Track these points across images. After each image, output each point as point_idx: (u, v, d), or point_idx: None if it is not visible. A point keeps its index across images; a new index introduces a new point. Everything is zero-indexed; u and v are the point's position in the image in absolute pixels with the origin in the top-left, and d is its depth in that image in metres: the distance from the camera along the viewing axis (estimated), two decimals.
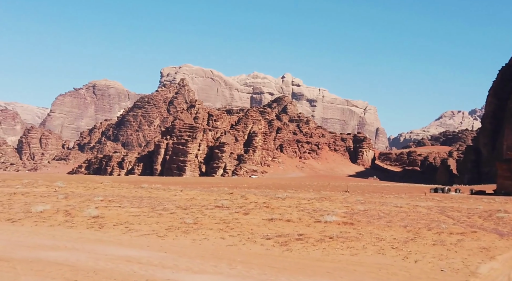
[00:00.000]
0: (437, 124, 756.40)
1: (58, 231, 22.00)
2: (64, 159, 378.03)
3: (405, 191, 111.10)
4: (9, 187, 54.71)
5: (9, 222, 24.96)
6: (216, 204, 35.55)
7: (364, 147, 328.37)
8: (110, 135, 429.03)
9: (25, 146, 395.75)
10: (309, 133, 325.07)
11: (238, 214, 29.56)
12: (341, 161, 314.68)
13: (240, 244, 19.53)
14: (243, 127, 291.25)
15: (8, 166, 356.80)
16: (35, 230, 22.08)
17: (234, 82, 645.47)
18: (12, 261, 15.16)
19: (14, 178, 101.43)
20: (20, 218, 25.80)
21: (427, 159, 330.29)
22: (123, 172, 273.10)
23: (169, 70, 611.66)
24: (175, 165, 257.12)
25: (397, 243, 20.37)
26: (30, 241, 19.10)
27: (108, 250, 17.29)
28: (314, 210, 33.77)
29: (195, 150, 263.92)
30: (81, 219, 25.57)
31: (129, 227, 23.15)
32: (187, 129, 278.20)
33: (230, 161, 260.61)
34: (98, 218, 25.71)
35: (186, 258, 16.39)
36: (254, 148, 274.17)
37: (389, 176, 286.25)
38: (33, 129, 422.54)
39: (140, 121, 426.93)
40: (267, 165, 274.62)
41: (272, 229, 23.55)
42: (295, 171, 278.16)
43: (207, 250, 17.89)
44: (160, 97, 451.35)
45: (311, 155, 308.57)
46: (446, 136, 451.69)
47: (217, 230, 22.82)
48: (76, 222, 24.78)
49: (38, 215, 26.90)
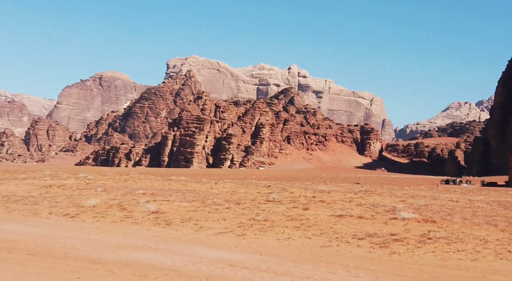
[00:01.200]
0: (444, 115, 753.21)
1: (125, 228, 21.35)
2: (71, 151, 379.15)
3: (416, 182, 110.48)
4: (36, 179, 54.40)
5: (66, 217, 24.35)
6: (266, 199, 34.04)
7: (372, 138, 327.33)
8: (117, 127, 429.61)
9: (33, 138, 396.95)
10: (316, 124, 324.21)
11: (297, 209, 28.00)
12: (348, 152, 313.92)
13: (333, 245, 18.08)
14: (250, 118, 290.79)
15: (16, 157, 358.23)
16: (100, 227, 21.53)
17: (240, 73, 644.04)
18: (105, 263, 14.32)
19: (34, 169, 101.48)
20: (77, 213, 25.20)
21: (434, 150, 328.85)
22: (130, 163, 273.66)
23: (175, 61, 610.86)
24: (182, 157, 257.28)
25: (506, 245, 18.32)
26: (105, 239, 18.43)
27: (197, 252, 16.44)
28: (373, 205, 31.80)
29: (202, 141, 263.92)
30: (141, 215, 24.87)
31: (198, 224, 22.28)
32: (194, 121, 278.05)
33: (237, 152, 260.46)
34: (158, 214, 24.91)
35: (290, 261, 15.12)
36: (261, 140, 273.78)
37: (397, 167, 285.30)
38: (41, 120, 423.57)
39: (147, 113, 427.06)
40: (274, 157, 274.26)
41: (352, 227, 21.94)
42: (303, 163, 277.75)
43: (304, 252, 16.63)
44: (166, 88, 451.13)
45: (318, 146, 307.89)
46: (454, 127, 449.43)
47: (293, 228, 21.47)
48: (137, 218, 24.07)
49: (92, 210, 26.39)
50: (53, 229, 20.65)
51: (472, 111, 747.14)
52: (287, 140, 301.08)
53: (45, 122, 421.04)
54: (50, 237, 18.54)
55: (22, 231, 19.89)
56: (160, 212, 25.46)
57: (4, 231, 19.73)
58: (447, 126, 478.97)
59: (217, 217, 24.23)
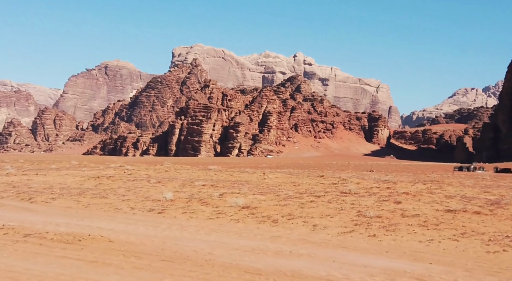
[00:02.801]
0: (450, 101, 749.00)
1: (231, 227, 19.56)
2: (78, 140, 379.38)
3: (429, 169, 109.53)
4: (73, 170, 54.12)
5: (153, 213, 22.92)
6: (341, 190, 31.93)
7: (379, 125, 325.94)
8: (123, 116, 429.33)
9: (40, 127, 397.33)
10: (323, 112, 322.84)
11: (388, 203, 25.56)
12: (356, 140, 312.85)
13: (496, 249, 15.45)
14: (257, 106, 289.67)
15: (23, 147, 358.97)
16: (203, 225, 19.91)
17: (245, 61, 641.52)
18: (265, 274, 12.45)
19: (58, 159, 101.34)
20: (163, 209, 23.69)
21: (442, 137, 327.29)
22: (138, 152, 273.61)
23: (181, 50, 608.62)
24: (190, 146, 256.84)
25: None
26: (226, 240, 16.76)
27: (350, 258, 14.37)
28: (465, 198, 28.68)
29: (210, 130, 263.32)
30: (232, 210, 23.10)
31: (307, 222, 20.21)
32: (202, 109, 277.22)
33: (245, 141, 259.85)
34: (251, 209, 23.13)
35: (464, 271, 13.04)
36: (269, 128, 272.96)
37: (405, 154, 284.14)
38: (47, 110, 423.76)
39: (153, 102, 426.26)
40: (282, 145, 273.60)
41: (487, 226, 19.25)
42: (310, 151, 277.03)
43: (472, 259, 14.32)
44: (173, 77, 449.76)
45: (326, 134, 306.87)
46: (461, 113, 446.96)
47: (419, 226, 19.05)
48: (232, 214, 22.26)
49: (173, 204, 25.13)
50: (154, 228, 19.17)
51: (479, 97, 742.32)
52: (294, 128, 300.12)
53: (52, 111, 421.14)
54: (164, 238, 17.02)
55: (122, 230, 18.51)
56: (251, 207, 23.66)
57: (102, 230, 18.24)
58: (454, 112, 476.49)
59: (318, 214, 22.06)
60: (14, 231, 17.52)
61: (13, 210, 23.90)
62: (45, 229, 18.08)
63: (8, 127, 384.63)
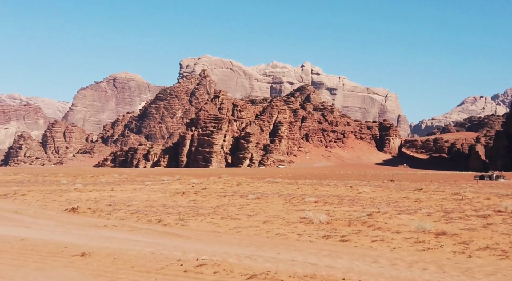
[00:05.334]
0: (459, 110, 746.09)
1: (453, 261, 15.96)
2: (88, 152, 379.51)
3: (449, 179, 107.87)
4: (135, 184, 52.99)
5: (332, 240, 19.50)
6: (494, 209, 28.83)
7: (391, 134, 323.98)
8: (133, 128, 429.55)
9: (50, 140, 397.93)
10: (334, 121, 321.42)
11: None
12: (367, 149, 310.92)
13: None
14: (268, 117, 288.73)
15: (34, 160, 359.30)
16: (412, 259, 16.11)
17: (253, 72, 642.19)
18: None
19: (97, 173, 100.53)
20: (344, 236, 20.10)
21: (454, 145, 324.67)
22: (149, 164, 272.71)
23: (188, 61, 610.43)
24: (201, 157, 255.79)
25: None
26: None
27: None
28: None
29: (221, 141, 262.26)
30: (427, 237, 19.38)
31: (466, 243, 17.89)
32: (212, 120, 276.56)
33: (256, 151, 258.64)
34: (454, 237, 19.25)
35: None
36: (280, 138, 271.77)
37: (417, 163, 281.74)
38: (57, 123, 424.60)
39: (163, 113, 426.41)
40: (293, 155, 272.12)
41: None
42: (322, 160, 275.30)
43: None
44: (181, 88, 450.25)
45: (337, 144, 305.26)
46: (472, 121, 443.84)
47: None
48: (424, 241, 18.80)
49: (339, 228, 21.78)
50: (370, 263, 15.45)
51: (488, 105, 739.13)
52: (305, 138, 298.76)
53: (62, 124, 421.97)
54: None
55: (343, 266, 14.94)
56: (449, 233, 19.73)
57: (318, 266, 14.79)
58: (464, 120, 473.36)
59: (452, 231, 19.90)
60: (223, 268, 14.08)
61: (159, 236, 21.10)
62: (248, 265, 14.77)
63: (19, 140, 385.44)
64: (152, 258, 15.50)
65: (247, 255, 16.46)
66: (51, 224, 24.49)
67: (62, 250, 16.58)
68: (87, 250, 16.29)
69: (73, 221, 25.88)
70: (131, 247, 17.38)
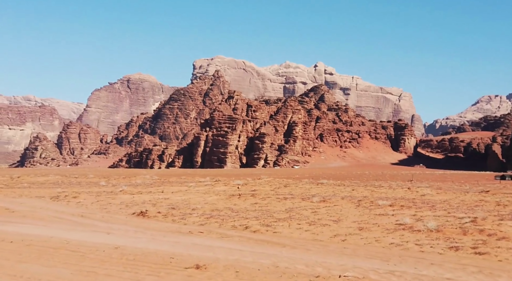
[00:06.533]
0: (474, 109, 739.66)
1: None
2: (103, 153, 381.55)
3: (470, 179, 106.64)
4: (175, 185, 52.40)
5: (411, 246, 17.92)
6: None
7: (406, 134, 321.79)
8: (147, 129, 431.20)
9: (65, 141, 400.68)
10: (348, 121, 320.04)
11: None
12: (382, 149, 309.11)
13: None
14: (282, 117, 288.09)
15: (49, 161, 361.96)
16: None
17: (266, 72, 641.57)
18: None
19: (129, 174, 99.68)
20: (419, 243, 18.60)
21: (470, 145, 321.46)
22: (164, 165, 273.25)
23: (202, 62, 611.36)
24: (216, 157, 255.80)
25: None
26: None
27: None
28: None
29: (235, 141, 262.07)
30: None
31: None
32: (227, 121, 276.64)
33: (271, 152, 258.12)
34: None
35: None
36: (294, 138, 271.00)
37: (433, 163, 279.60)
38: (72, 124, 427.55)
39: (177, 114, 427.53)
40: (308, 155, 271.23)
41: None
42: (337, 161, 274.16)
43: None
44: (195, 89, 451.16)
45: (352, 144, 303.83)
46: (487, 121, 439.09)
47: None
48: None
49: (434, 236, 19.80)
50: None
51: (503, 104, 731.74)
52: (320, 138, 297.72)
53: (77, 125, 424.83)
54: None
55: None
56: None
57: None
58: (480, 120, 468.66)
59: None
60: None
61: (257, 244, 19.08)
62: None
63: (34, 141, 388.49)
64: (281, 272, 13.73)
65: (385, 270, 14.34)
66: (130, 229, 23.05)
67: (170, 261, 15.26)
68: (198, 261, 15.00)
69: (150, 227, 24.40)
70: (241, 258, 15.88)
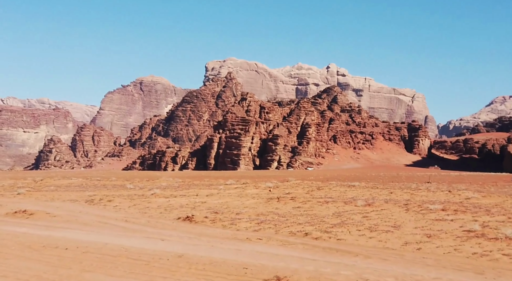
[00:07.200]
0: (488, 110, 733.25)
1: None
2: (117, 156, 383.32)
3: (487, 180, 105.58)
4: (203, 188, 51.92)
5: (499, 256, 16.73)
6: None
7: (420, 135, 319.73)
8: (160, 131, 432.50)
9: (79, 144, 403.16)
10: (362, 123, 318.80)
11: None
12: (396, 150, 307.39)
13: None
14: (295, 118, 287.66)
15: (64, 163, 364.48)
16: None
17: (278, 74, 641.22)
18: None
19: (146, 176, 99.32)
20: (507, 254, 17.08)
21: (485, 146, 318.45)
22: (177, 167, 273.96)
23: (214, 64, 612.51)
24: (229, 159, 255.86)
25: None
26: None
27: None
28: None
29: (248, 143, 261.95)
30: None
31: None
32: (240, 123, 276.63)
33: (284, 153, 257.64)
34: None
35: None
36: (308, 140, 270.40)
37: (447, 165, 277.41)
38: (86, 126, 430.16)
39: (189, 116, 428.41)
40: (321, 157, 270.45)
41: None
42: (350, 162, 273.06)
43: None
44: (208, 91, 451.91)
45: (366, 145, 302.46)
46: (502, 122, 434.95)
47: None
48: None
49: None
50: None
51: None
52: (333, 140, 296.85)
53: (90, 128, 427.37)
54: None
55: None
56: None
57: None
58: (495, 121, 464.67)
59: None
60: None
61: (325, 252, 17.62)
62: None
63: (49, 144, 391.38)
64: None
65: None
66: (183, 236, 21.91)
67: (244, 272, 14.29)
68: (275, 272, 13.91)
69: (203, 233, 23.20)
70: (320, 269, 14.69)
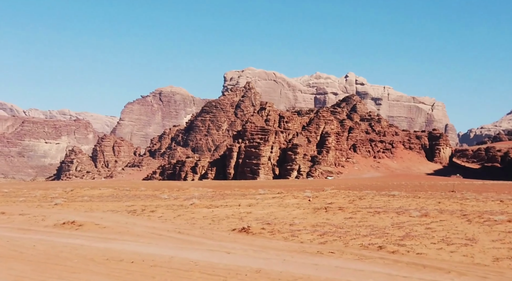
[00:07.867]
0: (510, 118, 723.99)
1: None
2: (137, 166, 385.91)
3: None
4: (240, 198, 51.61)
5: None
6: None
7: (441, 144, 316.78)
8: (179, 141, 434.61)
9: (99, 154, 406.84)
10: (382, 131, 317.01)
11: None
12: (417, 159, 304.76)
13: None
14: (315, 128, 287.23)
15: (85, 174, 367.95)
16: None
17: (297, 83, 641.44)
18: None
19: (172, 186, 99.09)
20: None
21: (508, 154, 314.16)
22: (197, 177, 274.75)
23: (232, 74, 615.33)
24: (248, 169, 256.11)
25: None
26: None
27: None
28: None
29: (268, 152, 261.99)
30: None
31: None
32: (259, 132, 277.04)
33: (303, 162, 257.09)
34: None
35: None
36: (327, 149, 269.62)
37: (469, 173, 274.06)
38: (106, 137, 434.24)
39: (209, 126, 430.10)
40: (341, 166, 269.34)
41: None
42: (370, 171, 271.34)
43: None
44: (227, 101, 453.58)
45: (386, 154, 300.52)
46: None
47: None
48: None
49: None
50: None
51: None
52: (353, 149, 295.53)
53: (111, 138, 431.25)
54: None
55: None
56: None
57: None
58: None
59: None
60: None
61: (410, 268, 16.90)
62: None
63: (70, 155, 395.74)
64: None
65: None
66: (246, 248, 21.07)
67: None
68: None
69: (267, 245, 22.11)
70: None
